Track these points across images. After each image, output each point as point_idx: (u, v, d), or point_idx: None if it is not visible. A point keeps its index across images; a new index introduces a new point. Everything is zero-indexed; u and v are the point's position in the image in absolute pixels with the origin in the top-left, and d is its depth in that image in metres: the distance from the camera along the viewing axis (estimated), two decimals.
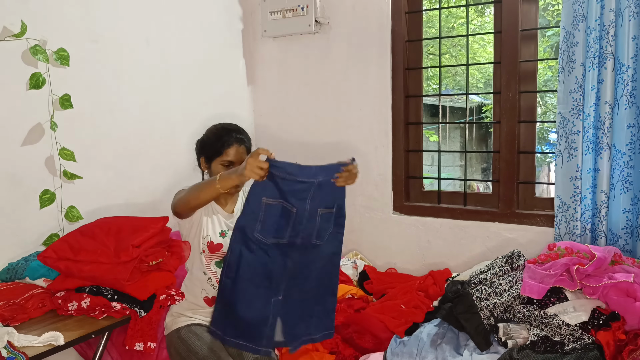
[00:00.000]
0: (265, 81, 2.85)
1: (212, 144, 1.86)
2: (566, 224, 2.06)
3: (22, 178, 1.87)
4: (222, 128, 1.90)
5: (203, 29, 2.57)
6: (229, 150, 1.85)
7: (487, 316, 1.77)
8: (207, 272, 1.99)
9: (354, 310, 2.01)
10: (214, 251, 1.98)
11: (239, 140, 1.86)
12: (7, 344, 1.38)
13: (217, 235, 1.98)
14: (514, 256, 1.98)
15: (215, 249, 1.97)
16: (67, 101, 1.93)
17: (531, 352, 1.64)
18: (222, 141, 1.84)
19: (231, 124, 1.94)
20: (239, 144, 1.85)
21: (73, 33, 1.99)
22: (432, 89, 5.26)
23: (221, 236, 1.98)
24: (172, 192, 2.37)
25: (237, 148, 1.85)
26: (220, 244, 1.97)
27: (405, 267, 2.52)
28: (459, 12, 5.40)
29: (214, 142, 1.86)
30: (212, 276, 1.99)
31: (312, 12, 2.57)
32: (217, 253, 1.98)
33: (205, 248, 1.97)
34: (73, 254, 1.65)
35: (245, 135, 1.92)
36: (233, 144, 1.84)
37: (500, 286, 1.85)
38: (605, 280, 1.70)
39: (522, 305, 1.78)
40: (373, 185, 2.60)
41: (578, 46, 1.96)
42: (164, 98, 2.38)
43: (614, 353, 1.61)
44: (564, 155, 2.05)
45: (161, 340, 1.94)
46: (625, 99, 1.90)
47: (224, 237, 1.98)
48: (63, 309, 1.64)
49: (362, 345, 1.91)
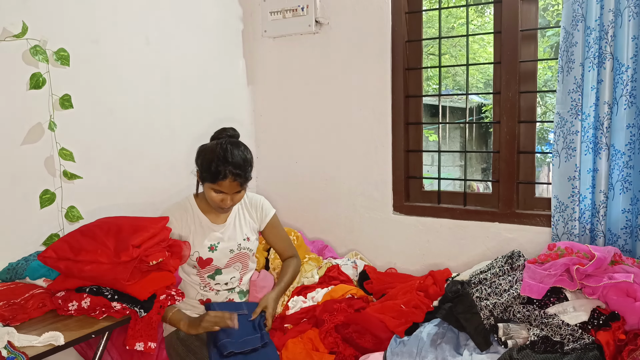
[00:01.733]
0: (265, 81, 2.85)
1: (209, 170, 1.87)
2: (564, 224, 2.06)
3: (22, 178, 1.87)
4: (223, 158, 1.86)
5: (203, 29, 2.57)
6: (222, 183, 1.87)
7: (487, 316, 1.77)
8: (202, 282, 2.01)
9: (354, 310, 2.01)
10: (205, 266, 1.99)
11: (235, 176, 1.86)
12: (7, 344, 1.38)
13: (206, 249, 1.98)
14: (514, 256, 1.98)
15: (205, 263, 1.98)
16: (67, 101, 1.94)
17: (531, 352, 1.64)
18: (218, 172, 1.85)
19: (235, 152, 1.89)
20: (234, 179, 1.86)
21: (73, 33, 1.99)
22: (432, 89, 5.26)
23: (210, 250, 1.98)
24: (172, 192, 2.39)
25: (231, 183, 1.87)
26: (210, 259, 1.98)
27: (405, 267, 2.52)
28: (459, 12, 5.40)
29: (211, 170, 1.86)
30: (206, 285, 2.01)
31: (312, 12, 2.58)
32: (208, 267, 1.99)
33: (196, 264, 1.98)
34: (73, 254, 1.65)
35: (243, 169, 1.88)
36: (227, 178, 1.85)
37: (500, 286, 1.85)
38: (605, 280, 1.70)
39: (522, 305, 1.78)
40: (373, 185, 2.60)
41: (577, 46, 1.96)
42: (164, 98, 2.38)
43: (614, 353, 1.60)
44: (562, 156, 2.05)
45: (161, 340, 1.94)
46: (625, 99, 1.90)
47: (214, 252, 1.98)
48: (63, 309, 1.64)
49: (362, 345, 1.91)
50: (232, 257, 2.02)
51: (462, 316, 1.79)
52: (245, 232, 2.08)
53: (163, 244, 1.80)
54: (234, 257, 2.03)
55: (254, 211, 2.14)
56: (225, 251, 2.01)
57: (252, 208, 2.14)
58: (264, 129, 2.89)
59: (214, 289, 2.02)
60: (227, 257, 2.01)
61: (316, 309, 2.02)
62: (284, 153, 2.83)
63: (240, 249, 2.05)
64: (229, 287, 2.04)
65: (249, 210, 2.13)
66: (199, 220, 2.01)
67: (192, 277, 2.03)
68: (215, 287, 2.02)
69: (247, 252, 2.07)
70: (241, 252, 2.05)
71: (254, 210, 2.14)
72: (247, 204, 2.13)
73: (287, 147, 2.82)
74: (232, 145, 1.91)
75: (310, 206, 2.78)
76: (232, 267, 2.03)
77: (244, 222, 2.09)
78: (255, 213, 2.14)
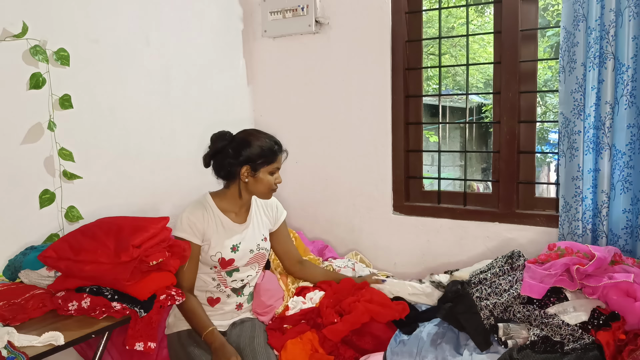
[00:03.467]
0: (265, 81, 2.85)
1: (269, 151, 1.95)
2: (568, 224, 2.06)
3: (22, 178, 1.87)
4: (267, 137, 1.99)
5: (203, 28, 2.57)
6: (280, 157, 1.99)
7: (487, 316, 1.77)
8: (217, 279, 1.99)
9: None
10: (226, 267, 1.98)
11: (282, 148, 2.01)
12: (7, 344, 1.38)
13: (229, 250, 1.97)
14: (514, 256, 1.98)
15: (227, 264, 1.97)
16: (67, 101, 1.93)
17: (531, 352, 1.64)
18: (274, 151, 1.96)
19: (264, 133, 2.03)
20: (283, 151, 2.01)
21: (73, 33, 1.99)
22: (432, 89, 5.27)
23: (233, 251, 1.98)
24: (172, 192, 2.39)
25: (283, 156, 2.01)
26: (232, 259, 1.97)
27: (405, 267, 2.52)
28: (459, 12, 5.40)
29: (271, 151, 1.96)
30: (221, 282, 2.00)
31: (312, 12, 2.58)
32: (229, 267, 1.98)
33: (217, 264, 1.96)
34: (73, 254, 1.65)
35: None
36: (282, 151, 2.00)
37: (500, 286, 1.85)
38: (605, 280, 1.70)
39: (522, 305, 1.78)
40: (373, 185, 2.60)
41: (578, 46, 1.96)
42: (164, 98, 2.38)
43: (614, 353, 1.60)
44: (567, 156, 2.05)
45: (161, 340, 1.94)
46: (625, 99, 1.90)
47: (236, 252, 1.98)
48: (63, 309, 1.64)
49: (362, 347, 1.91)
50: (251, 257, 2.02)
51: (462, 316, 1.79)
52: (262, 232, 2.09)
53: (163, 244, 1.80)
54: (253, 257, 2.03)
55: (269, 211, 2.15)
56: (245, 251, 2.00)
57: (268, 208, 2.15)
58: (264, 129, 2.87)
59: (230, 286, 2.00)
60: (247, 257, 2.00)
61: (314, 311, 2.02)
62: None
63: (259, 249, 2.05)
64: (242, 285, 2.03)
65: (264, 210, 2.13)
66: (219, 220, 1.99)
67: (205, 275, 2.01)
68: (232, 284, 2.01)
69: (264, 252, 2.08)
70: (260, 252, 2.05)
71: (269, 210, 2.15)
72: (263, 204, 2.13)
73: (287, 147, 2.80)
74: (255, 130, 2.05)
75: (310, 206, 2.78)
76: (249, 267, 2.03)
77: (260, 222, 2.10)
78: (271, 213, 2.15)
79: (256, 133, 2.00)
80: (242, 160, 1.93)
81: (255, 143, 1.94)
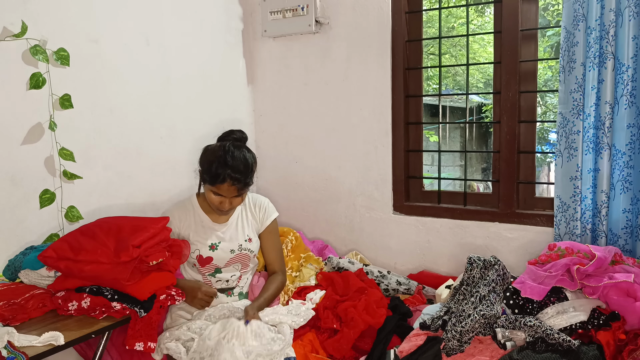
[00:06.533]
0: (265, 81, 2.85)
1: (209, 172, 1.90)
2: (566, 224, 2.06)
3: (22, 178, 1.87)
4: (223, 160, 1.88)
5: (203, 28, 2.57)
6: (221, 186, 1.89)
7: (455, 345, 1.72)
8: (203, 280, 2.01)
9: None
10: (204, 264, 1.98)
11: (233, 180, 1.88)
12: (7, 344, 1.38)
13: (207, 248, 1.98)
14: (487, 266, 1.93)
15: (205, 262, 1.98)
16: (67, 101, 1.93)
17: (531, 352, 1.64)
18: (217, 175, 1.88)
19: (236, 156, 1.91)
20: (232, 183, 1.88)
21: (73, 33, 1.99)
22: (432, 89, 5.27)
23: (211, 249, 1.98)
24: (172, 192, 2.39)
25: (229, 187, 1.89)
26: (210, 257, 1.98)
27: (405, 267, 2.52)
28: (459, 12, 5.40)
29: (211, 172, 1.89)
30: (207, 283, 2.01)
31: (312, 12, 2.58)
32: (208, 266, 1.99)
33: (196, 262, 1.98)
34: (73, 254, 1.65)
35: (242, 174, 1.90)
36: (226, 182, 1.88)
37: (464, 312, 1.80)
38: (605, 280, 1.70)
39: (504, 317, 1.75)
40: (373, 185, 2.60)
41: (578, 46, 1.96)
42: (164, 98, 2.38)
43: (614, 353, 1.61)
44: (564, 155, 2.05)
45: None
46: (625, 99, 1.90)
47: (214, 250, 1.98)
48: (63, 309, 1.64)
49: (362, 347, 1.92)
50: (232, 258, 2.02)
51: None
52: (247, 233, 2.08)
53: (163, 244, 1.80)
54: (235, 257, 2.03)
55: (257, 211, 2.13)
56: (226, 251, 2.01)
57: (256, 208, 2.13)
58: (264, 129, 2.89)
59: (215, 286, 2.02)
60: (227, 257, 2.01)
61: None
62: (284, 153, 2.83)
63: (242, 250, 2.05)
64: (229, 287, 2.04)
65: (252, 211, 2.12)
66: (200, 220, 2.01)
67: (193, 276, 2.03)
68: (217, 284, 2.02)
69: (247, 253, 2.07)
70: (242, 253, 2.05)
71: (257, 210, 2.14)
72: (251, 205, 2.13)
73: (287, 147, 2.82)
74: (235, 148, 1.92)
75: (310, 206, 2.78)
76: (231, 267, 2.03)
77: (246, 222, 2.09)
78: (258, 213, 2.14)
79: (219, 151, 1.92)
80: (200, 163, 1.98)
81: (207, 157, 1.95)
